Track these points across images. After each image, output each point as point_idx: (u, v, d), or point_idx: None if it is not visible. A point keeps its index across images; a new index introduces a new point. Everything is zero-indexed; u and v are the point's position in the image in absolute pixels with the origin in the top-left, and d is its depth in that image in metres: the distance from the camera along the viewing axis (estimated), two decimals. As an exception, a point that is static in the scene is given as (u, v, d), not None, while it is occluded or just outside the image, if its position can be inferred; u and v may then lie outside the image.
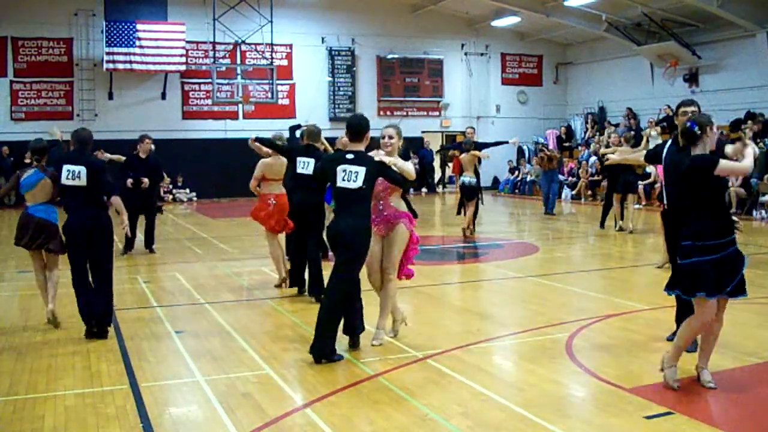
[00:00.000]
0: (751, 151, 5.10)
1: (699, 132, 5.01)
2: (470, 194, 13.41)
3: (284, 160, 8.50)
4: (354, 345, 6.11)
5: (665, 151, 5.84)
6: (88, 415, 4.66)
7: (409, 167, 6.05)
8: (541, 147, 22.01)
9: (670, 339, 5.76)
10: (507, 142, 15.84)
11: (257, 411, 4.70)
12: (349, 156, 5.89)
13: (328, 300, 5.87)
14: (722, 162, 4.89)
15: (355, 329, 6.11)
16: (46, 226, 7.06)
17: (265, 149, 8.66)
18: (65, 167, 6.67)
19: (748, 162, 4.98)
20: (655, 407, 4.63)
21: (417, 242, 6.53)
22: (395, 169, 5.92)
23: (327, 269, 6.40)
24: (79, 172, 6.62)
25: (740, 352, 5.81)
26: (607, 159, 9.06)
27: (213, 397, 4.98)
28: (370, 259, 6.11)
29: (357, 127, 6.05)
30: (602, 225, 14.62)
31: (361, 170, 5.76)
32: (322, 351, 5.73)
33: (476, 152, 13.56)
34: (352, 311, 6.05)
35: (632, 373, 5.33)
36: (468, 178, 13.37)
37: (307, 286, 8.24)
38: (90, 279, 6.66)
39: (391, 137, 6.21)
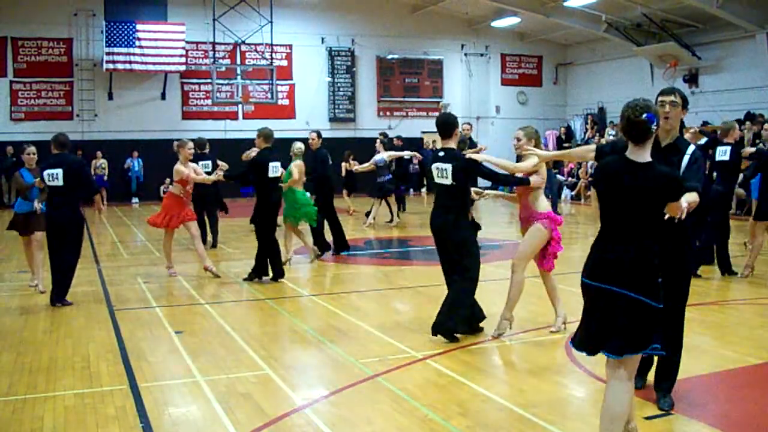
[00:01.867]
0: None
1: (654, 128, 3.66)
2: None
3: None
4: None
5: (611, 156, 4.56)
6: (88, 416, 4.66)
7: (505, 163, 6.43)
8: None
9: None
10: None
11: (257, 411, 4.69)
12: (441, 153, 6.27)
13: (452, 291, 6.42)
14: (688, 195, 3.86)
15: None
16: None
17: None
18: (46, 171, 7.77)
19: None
20: (655, 408, 4.62)
21: (559, 240, 6.73)
22: (488, 165, 6.24)
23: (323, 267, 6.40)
24: (57, 174, 7.70)
25: (740, 353, 5.81)
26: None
27: (212, 397, 4.98)
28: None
29: (445, 124, 6.33)
30: None
31: (449, 167, 6.13)
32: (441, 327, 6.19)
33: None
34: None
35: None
36: None
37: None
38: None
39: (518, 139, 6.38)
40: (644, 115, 3.61)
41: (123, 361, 5.84)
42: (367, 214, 15.84)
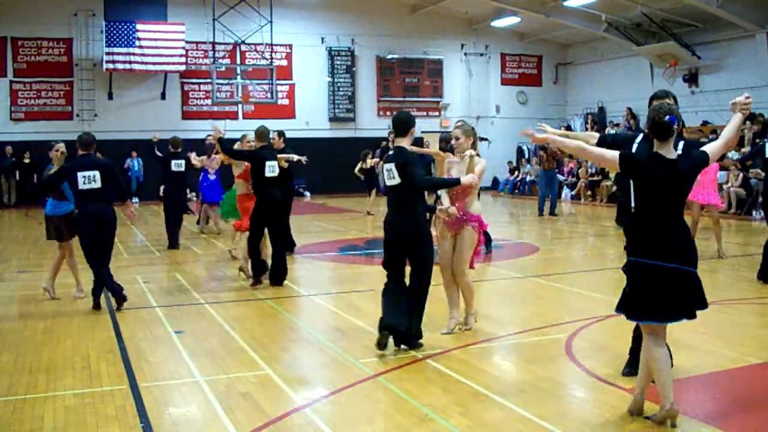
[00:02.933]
0: None
1: (675, 128, 4.24)
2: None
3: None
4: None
5: (635, 146, 5.03)
6: (88, 415, 4.66)
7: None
8: (542, 145, 21.77)
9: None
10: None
11: (257, 411, 4.69)
12: (390, 153, 6.14)
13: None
14: (709, 149, 4.41)
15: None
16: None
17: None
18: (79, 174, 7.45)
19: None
20: (655, 407, 4.62)
21: (482, 242, 6.66)
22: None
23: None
24: (94, 176, 7.46)
25: (740, 352, 5.81)
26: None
27: (212, 397, 4.98)
28: (441, 256, 6.43)
29: (400, 122, 6.12)
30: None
31: (392, 166, 5.94)
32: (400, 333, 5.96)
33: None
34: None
35: (632, 373, 5.31)
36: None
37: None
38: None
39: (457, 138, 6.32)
40: (667, 117, 4.19)
41: (123, 361, 5.83)
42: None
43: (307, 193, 24.92)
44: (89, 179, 7.39)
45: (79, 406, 4.83)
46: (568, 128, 26.55)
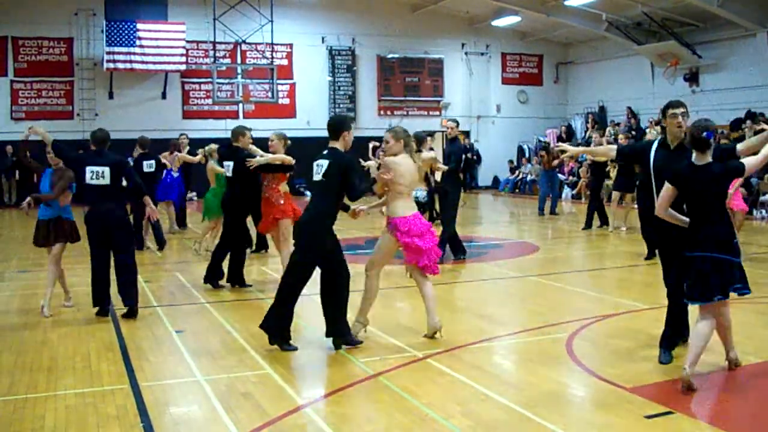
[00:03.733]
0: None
1: (712, 141, 5.02)
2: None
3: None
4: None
5: (653, 153, 5.64)
6: (89, 415, 4.66)
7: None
8: (544, 145, 21.71)
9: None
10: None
11: (257, 410, 4.70)
12: (324, 152, 6.13)
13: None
14: (746, 163, 5.08)
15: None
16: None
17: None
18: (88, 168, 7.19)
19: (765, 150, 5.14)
20: (655, 407, 4.62)
21: (417, 251, 6.22)
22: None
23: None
24: (103, 172, 7.18)
25: (740, 352, 5.80)
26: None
27: (213, 396, 4.98)
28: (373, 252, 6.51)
29: (335, 125, 6.20)
30: (607, 223, 14.62)
31: (326, 162, 5.98)
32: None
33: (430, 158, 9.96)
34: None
35: (632, 373, 5.32)
36: (419, 190, 10.63)
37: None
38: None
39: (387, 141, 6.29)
40: (705, 134, 4.95)
41: (124, 361, 5.84)
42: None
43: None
44: (97, 174, 7.17)
45: (80, 406, 4.83)
46: (569, 128, 26.62)
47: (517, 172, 26.46)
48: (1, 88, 22.40)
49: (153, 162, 12.33)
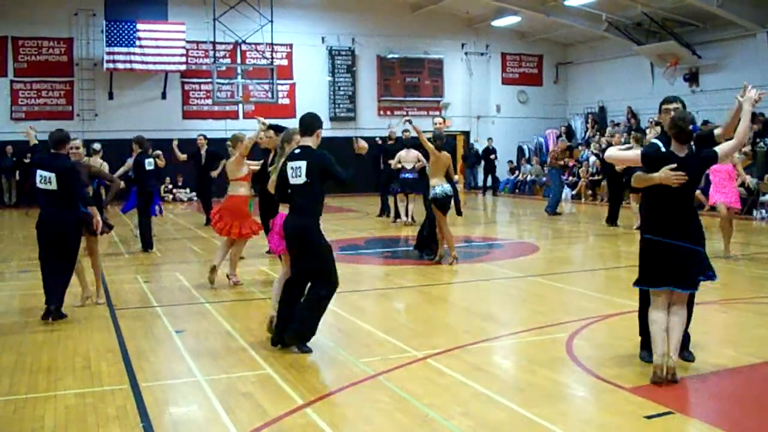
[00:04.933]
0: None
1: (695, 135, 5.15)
2: (445, 207, 10.27)
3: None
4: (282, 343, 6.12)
5: (662, 150, 5.53)
6: (89, 415, 4.66)
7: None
8: (560, 142, 21.37)
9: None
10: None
11: (257, 411, 4.69)
12: (297, 151, 6.03)
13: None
14: (720, 149, 5.22)
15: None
16: None
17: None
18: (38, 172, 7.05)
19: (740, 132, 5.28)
20: (655, 407, 4.62)
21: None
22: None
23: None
24: (50, 178, 7.02)
25: (740, 352, 5.80)
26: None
27: (213, 396, 4.98)
28: None
29: (308, 121, 6.13)
30: (614, 222, 14.73)
31: (303, 164, 5.90)
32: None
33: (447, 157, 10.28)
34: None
35: (632, 373, 5.32)
36: (441, 186, 10.09)
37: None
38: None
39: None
40: (691, 126, 5.02)
41: (124, 361, 5.83)
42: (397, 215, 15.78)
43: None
44: (45, 180, 7.05)
45: (80, 406, 4.83)
46: (569, 128, 26.62)
47: (516, 172, 26.45)
48: (1, 88, 22.40)
49: (152, 160, 12.32)
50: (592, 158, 22.60)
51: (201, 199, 16.19)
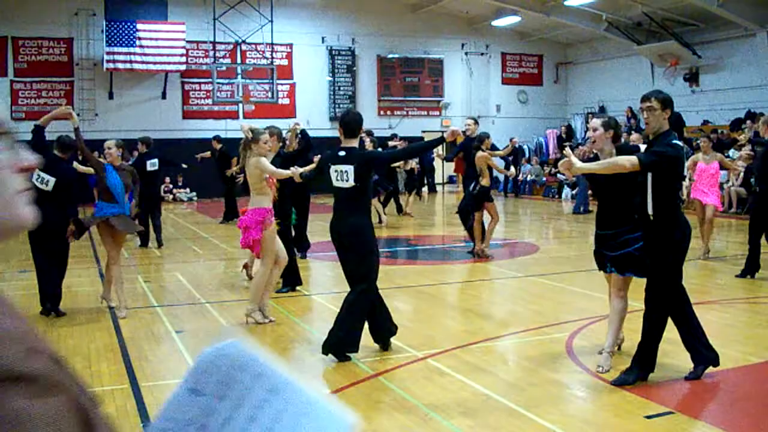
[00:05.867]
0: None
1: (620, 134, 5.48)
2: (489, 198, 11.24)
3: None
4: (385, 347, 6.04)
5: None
6: (89, 415, 4.65)
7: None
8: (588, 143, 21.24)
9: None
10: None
11: (257, 411, 4.69)
12: (341, 153, 5.87)
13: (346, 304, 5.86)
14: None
15: (384, 332, 6.03)
16: None
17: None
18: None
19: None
20: (655, 407, 4.62)
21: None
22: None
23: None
24: (48, 181, 7.16)
25: (740, 352, 5.80)
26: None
27: (213, 396, 4.97)
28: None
29: (351, 123, 5.94)
30: None
31: (350, 168, 5.74)
32: (330, 345, 5.75)
33: (492, 153, 11.40)
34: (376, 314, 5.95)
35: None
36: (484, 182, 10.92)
37: None
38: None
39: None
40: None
41: (124, 361, 5.83)
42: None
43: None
44: (43, 181, 7.13)
45: (80, 406, 4.82)
46: (569, 128, 26.60)
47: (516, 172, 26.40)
48: (1, 88, 22.39)
49: (156, 161, 12.29)
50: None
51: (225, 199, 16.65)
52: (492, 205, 11.04)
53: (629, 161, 4.85)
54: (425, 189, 25.98)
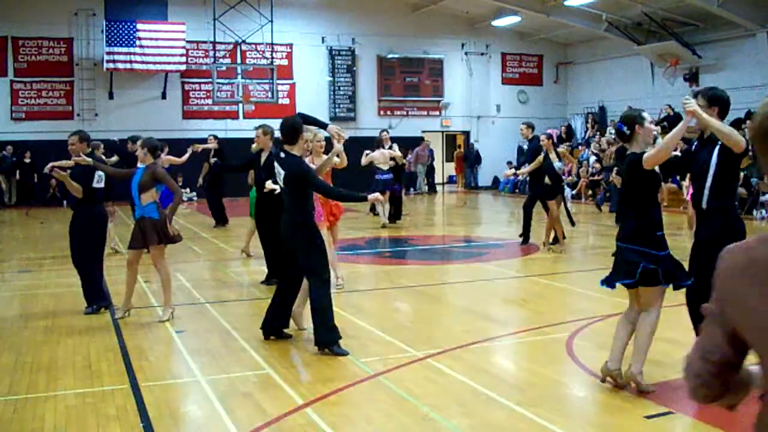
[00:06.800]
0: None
1: (628, 131, 4.86)
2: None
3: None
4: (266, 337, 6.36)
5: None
6: (89, 415, 4.66)
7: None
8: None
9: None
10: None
11: (257, 410, 4.69)
12: (282, 155, 6.12)
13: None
14: (646, 153, 4.78)
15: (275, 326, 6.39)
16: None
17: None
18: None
19: (667, 138, 4.81)
20: (655, 407, 4.62)
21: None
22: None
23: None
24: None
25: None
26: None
27: (213, 396, 4.98)
28: None
29: (291, 129, 6.09)
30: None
31: (282, 174, 6.05)
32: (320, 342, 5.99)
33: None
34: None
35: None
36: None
37: None
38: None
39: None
40: (618, 124, 4.88)
41: (124, 361, 5.83)
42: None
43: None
44: (100, 179, 7.57)
45: (80, 406, 4.83)
46: (569, 128, 26.60)
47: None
48: (1, 88, 22.39)
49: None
50: (592, 158, 22.60)
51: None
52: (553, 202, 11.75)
53: (739, 136, 4.81)
54: (425, 189, 26.03)
